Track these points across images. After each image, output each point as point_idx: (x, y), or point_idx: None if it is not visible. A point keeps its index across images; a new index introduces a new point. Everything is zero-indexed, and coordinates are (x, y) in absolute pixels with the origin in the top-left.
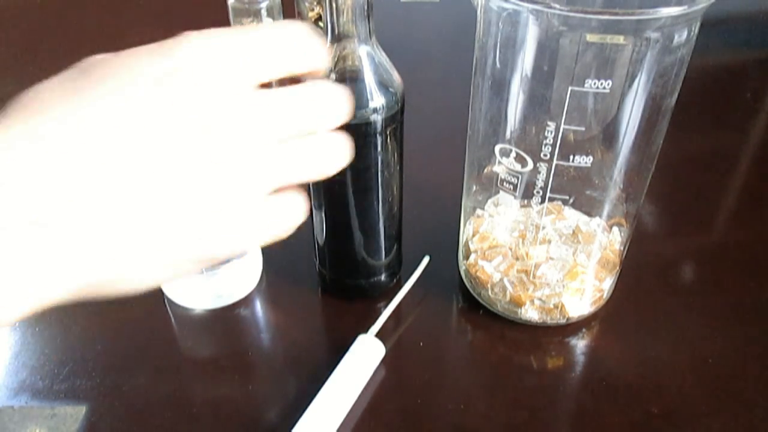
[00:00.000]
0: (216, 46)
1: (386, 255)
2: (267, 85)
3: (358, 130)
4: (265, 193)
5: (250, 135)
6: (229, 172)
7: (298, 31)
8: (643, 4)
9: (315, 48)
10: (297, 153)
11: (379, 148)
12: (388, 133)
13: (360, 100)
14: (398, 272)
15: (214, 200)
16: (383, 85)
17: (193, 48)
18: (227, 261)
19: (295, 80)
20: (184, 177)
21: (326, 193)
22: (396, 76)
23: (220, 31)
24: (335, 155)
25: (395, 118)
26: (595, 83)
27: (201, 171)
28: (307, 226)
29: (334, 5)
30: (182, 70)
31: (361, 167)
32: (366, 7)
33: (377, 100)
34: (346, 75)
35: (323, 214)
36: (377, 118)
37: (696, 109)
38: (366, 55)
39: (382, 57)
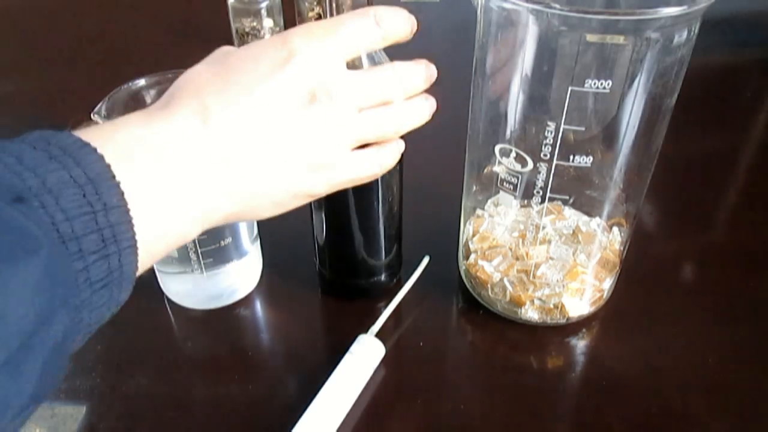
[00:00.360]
0: (315, 36)
1: (386, 255)
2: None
3: None
4: (349, 147)
5: (338, 104)
6: (322, 129)
7: (383, 14)
8: (643, 4)
9: (398, 24)
10: (375, 117)
11: None
12: None
13: None
14: (398, 272)
15: (313, 150)
16: None
17: (299, 39)
18: (227, 261)
19: None
20: (292, 132)
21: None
22: (384, 58)
23: (317, 24)
24: (407, 119)
25: None
26: (595, 83)
27: (304, 127)
28: (307, 226)
29: (334, 5)
30: (292, 56)
31: None
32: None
33: None
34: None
35: (323, 215)
36: None
37: (696, 109)
38: (365, 55)
39: (382, 57)
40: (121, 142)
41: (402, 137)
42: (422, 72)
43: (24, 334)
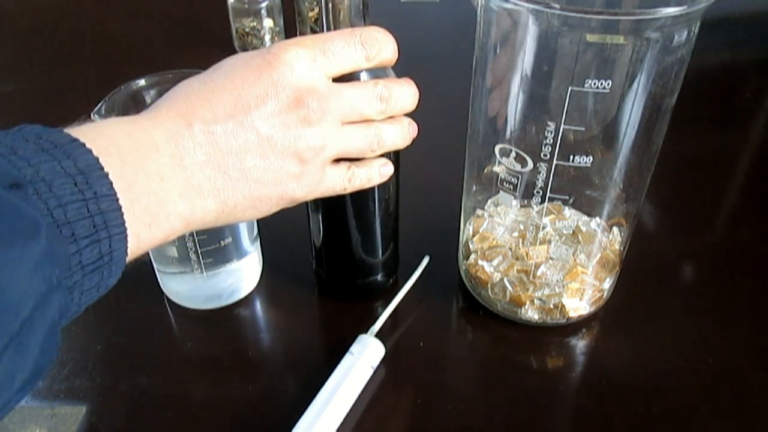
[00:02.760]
0: (302, 47)
1: (382, 255)
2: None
3: None
4: (329, 157)
5: (322, 110)
6: (305, 134)
7: (369, 35)
8: (643, 4)
9: (383, 48)
10: (356, 131)
11: None
12: None
13: None
14: (395, 272)
15: (295, 155)
16: None
17: (287, 48)
18: (227, 261)
19: None
20: (275, 135)
21: None
22: (392, 76)
23: (305, 37)
24: (386, 137)
25: None
26: (595, 83)
27: (287, 130)
28: (305, 227)
29: (330, 5)
30: (280, 62)
31: None
32: (362, 8)
33: None
34: (343, 75)
35: (319, 215)
36: None
37: (696, 109)
38: (366, 72)
39: (387, 74)
40: (110, 138)
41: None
42: (407, 91)
43: (26, 313)
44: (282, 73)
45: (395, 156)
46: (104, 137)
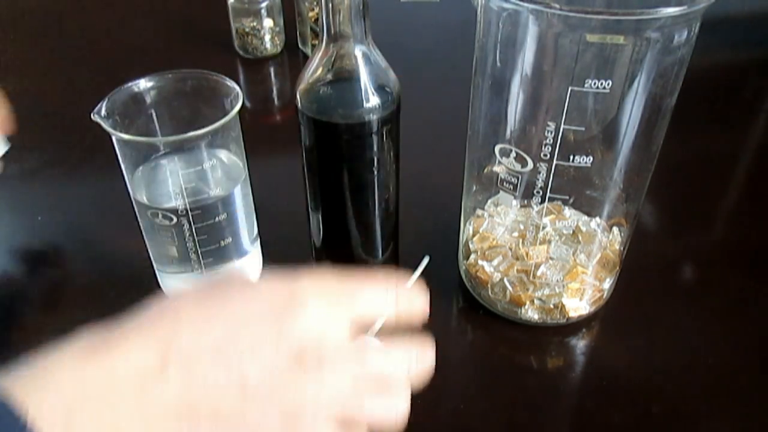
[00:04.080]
0: (329, 297)
1: (382, 255)
2: None
3: (353, 129)
4: (332, 418)
5: (325, 374)
6: (303, 397)
7: (402, 295)
8: (643, 4)
9: (413, 309)
10: (361, 395)
11: (374, 148)
12: (383, 132)
13: (355, 100)
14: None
15: (294, 412)
16: (379, 85)
17: (312, 298)
18: (227, 261)
19: None
20: (270, 393)
21: (322, 192)
22: (392, 76)
23: (335, 282)
24: (393, 412)
25: (391, 118)
26: (595, 83)
27: (285, 389)
28: (305, 226)
29: (330, 5)
30: (297, 314)
31: (356, 166)
32: (362, 8)
33: (372, 100)
34: (343, 75)
35: (319, 214)
36: (372, 118)
37: (696, 109)
38: (362, 55)
39: (378, 57)
40: (56, 388)
41: (398, 135)
42: (427, 359)
43: None
44: (299, 324)
45: (395, 156)
46: (49, 390)
